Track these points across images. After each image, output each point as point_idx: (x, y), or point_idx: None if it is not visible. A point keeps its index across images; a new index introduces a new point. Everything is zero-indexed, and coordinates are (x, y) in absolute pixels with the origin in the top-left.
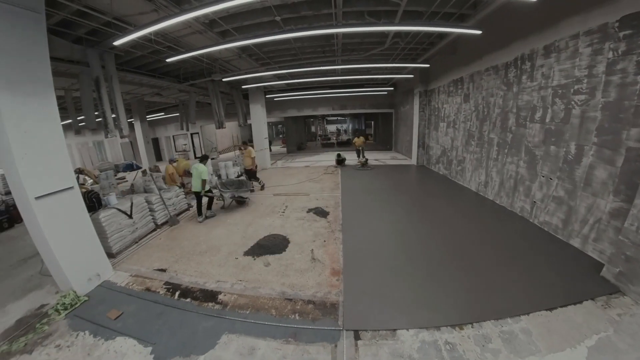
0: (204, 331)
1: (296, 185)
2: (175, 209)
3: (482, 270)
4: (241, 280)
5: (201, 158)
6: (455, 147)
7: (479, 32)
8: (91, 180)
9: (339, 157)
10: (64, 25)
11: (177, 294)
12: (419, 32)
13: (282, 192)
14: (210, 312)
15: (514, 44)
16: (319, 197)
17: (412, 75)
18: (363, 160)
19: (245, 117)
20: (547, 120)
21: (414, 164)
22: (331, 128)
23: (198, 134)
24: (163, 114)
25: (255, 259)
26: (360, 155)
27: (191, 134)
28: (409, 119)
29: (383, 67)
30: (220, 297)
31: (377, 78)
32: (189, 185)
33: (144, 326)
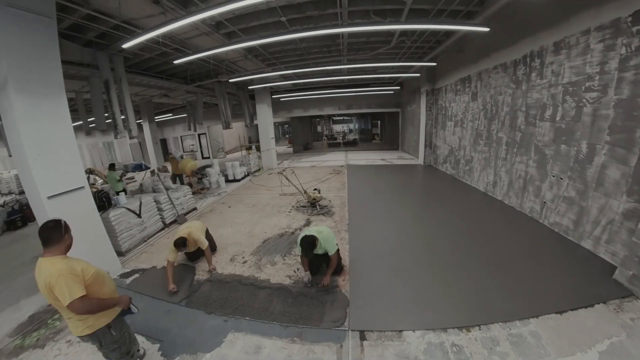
0: (210, 329)
1: (302, 185)
2: (183, 208)
3: (490, 272)
4: (248, 277)
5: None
6: (463, 147)
7: (487, 30)
8: (101, 180)
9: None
10: (74, 29)
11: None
12: (425, 31)
13: (289, 192)
14: (217, 311)
15: (522, 41)
16: (325, 197)
17: (419, 74)
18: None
19: (252, 118)
20: (558, 118)
21: (421, 163)
22: (337, 128)
23: (205, 134)
24: (171, 115)
25: (261, 259)
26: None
27: (198, 135)
28: (416, 119)
29: (389, 66)
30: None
31: (383, 77)
32: (198, 186)
33: (152, 323)
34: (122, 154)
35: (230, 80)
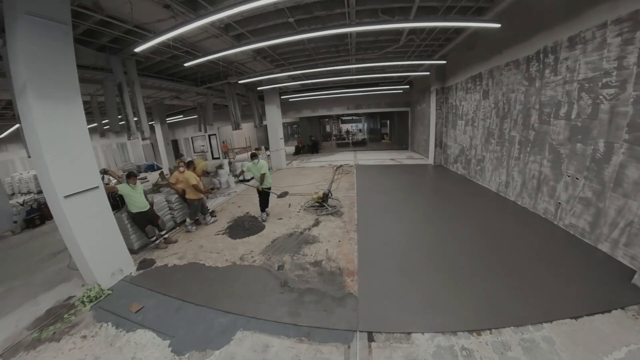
0: (219, 327)
1: (311, 185)
2: None
3: (502, 274)
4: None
5: (251, 155)
6: (474, 146)
7: (498, 26)
8: (115, 180)
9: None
10: (88, 35)
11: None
12: (434, 28)
13: (297, 193)
14: (226, 309)
15: (535, 36)
16: (334, 197)
17: (429, 73)
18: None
19: (261, 118)
20: (573, 116)
21: (431, 163)
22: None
23: (215, 135)
24: (182, 116)
25: (270, 258)
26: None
27: (209, 135)
28: (426, 118)
29: (398, 65)
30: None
31: (392, 76)
32: (209, 186)
33: (162, 320)
34: (135, 154)
35: (239, 82)
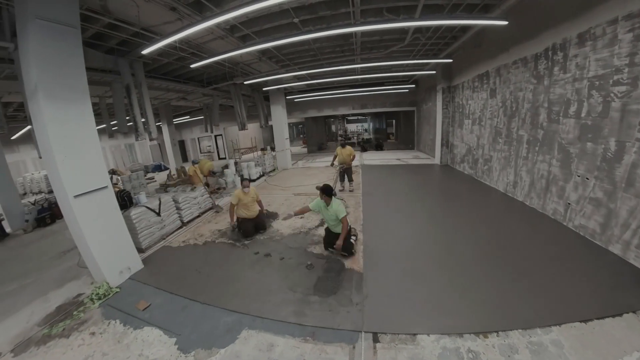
0: (225, 325)
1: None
2: (200, 207)
3: (510, 276)
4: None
5: (323, 191)
6: (482, 146)
7: (505, 23)
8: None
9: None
10: (97, 38)
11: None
12: (440, 27)
13: (303, 192)
14: (232, 308)
15: (543, 33)
16: (339, 197)
17: (435, 72)
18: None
19: (267, 119)
20: (583, 114)
21: (438, 163)
22: (351, 127)
23: (221, 135)
24: (188, 117)
25: (273, 257)
26: (345, 180)
27: (215, 136)
28: (432, 117)
29: (404, 64)
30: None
31: (398, 76)
32: (215, 185)
33: (169, 318)
34: (143, 155)
35: (245, 83)
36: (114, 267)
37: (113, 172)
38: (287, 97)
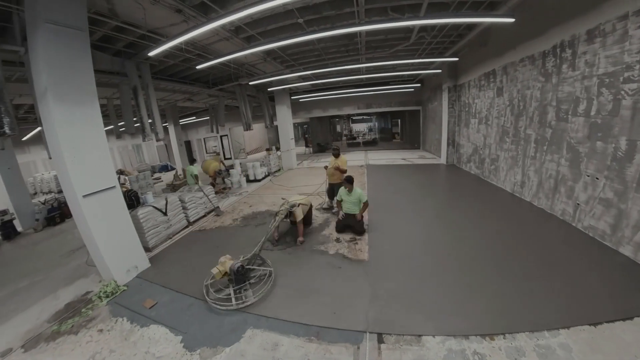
0: (230, 324)
1: (322, 185)
2: (205, 207)
3: (518, 278)
4: None
5: (346, 181)
6: (488, 145)
7: (512, 20)
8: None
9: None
10: (104, 41)
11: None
12: (446, 25)
13: (308, 192)
14: (236, 307)
15: (551, 30)
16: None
17: (440, 70)
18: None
19: (272, 119)
20: (593, 113)
21: (444, 163)
22: (357, 127)
23: (227, 136)
24: (194, 118)
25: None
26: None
27: (220, 136)
28: (438, 116)
29: (409, 63)
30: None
31: (403, 75)
32: (220, 186)
33: (175, 316)
34: (150, 155)
35: (250, 83)
36: (122, 266)
37: (121, 172)
38: (292, 97)
